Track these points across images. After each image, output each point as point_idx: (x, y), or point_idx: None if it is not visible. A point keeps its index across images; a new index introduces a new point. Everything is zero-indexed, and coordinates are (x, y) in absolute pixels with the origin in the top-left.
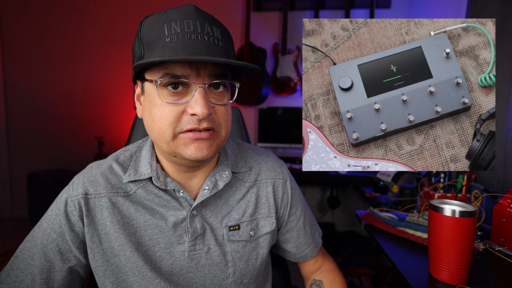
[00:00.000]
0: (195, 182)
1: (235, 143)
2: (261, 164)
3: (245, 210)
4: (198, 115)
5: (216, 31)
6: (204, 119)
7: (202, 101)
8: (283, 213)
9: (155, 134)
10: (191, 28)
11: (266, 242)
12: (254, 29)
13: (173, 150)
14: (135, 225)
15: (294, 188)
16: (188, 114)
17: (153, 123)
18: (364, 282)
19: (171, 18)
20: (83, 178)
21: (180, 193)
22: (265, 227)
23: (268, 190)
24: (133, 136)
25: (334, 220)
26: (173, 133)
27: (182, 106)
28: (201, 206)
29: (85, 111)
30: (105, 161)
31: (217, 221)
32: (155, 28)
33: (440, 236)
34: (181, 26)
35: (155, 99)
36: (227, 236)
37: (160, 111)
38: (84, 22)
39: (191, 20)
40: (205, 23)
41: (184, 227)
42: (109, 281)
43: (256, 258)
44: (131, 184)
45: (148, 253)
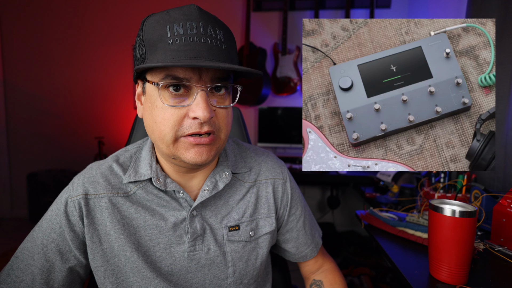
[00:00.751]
0: (195, 182)
1: (235, 143)
2: (261, 164)
3: (244, 210)
4: (199, 119)
5: (219, 32)
6: (205, 123)
7: (203, 104)
8: (282, 213)
9: (156, 135)
10: (194, 30)
11: (266, 242)
12: (254, 29)
13: (173, 153)
14: (135, 225)
15: (294, 188)
16: (189, 118)
17: (155, 125)
18: (364, 282)
19: (173, 19)
20: (83, 178)
21: (180, 194)
22: (265, 227)
23: (268, 190)
24: (133, 136)
25: (334, 220)
26: (174, 136)
27: (184, 109)
28: (201, 207)
29: (85, 111)
30: (105, 161)
31: (217, 221)
32: (157, 29)
33: (440, 236)
34: (183, 28)
35: (156, 101)
36: (226, 236)
37: (162, 114)
38: (84, 22)
39: (194, 21)
40: (208, 25)
41: (184, 228)
42: (109, 281)
43: (255, 258)
44: (131, 185)
45: (148, 253)
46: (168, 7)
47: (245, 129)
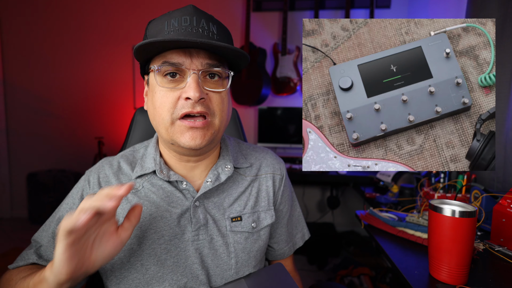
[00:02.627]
0: (197, 173)
1: (236, 142)
2: (261, 160)
3: (246, 202)
4: (191, 98)
5: (213, 26)
6: (197, 103)
7: (194, 85)
8: (277, 207)
9: (157, 121)
10: (187, 22)
11: (266, 235)
12: (254, 29)
13: (171, 137)
14: (141, 219)
15: (287, 186)
16: (182, 99)
17: (155, 110)
18: (364, 282)
19: (172, 17)
20: (97, 177)
21: (183, 185)
22: (266, 219)
23: (268, 184)
24: (131, 136)
25: (334, 220)
26: (171, 118)
27: (178, 91)
28: (204, 198)
29: (85, 111)
30: (115, 159)
31: (220, 213)
32: (158, 25)
33: (440, 236)
34: (178, 21)
35: (155, 88)
36: (229, 227)
37: (160, 98)
38: (84, 22)
39: (188, 16)
40: (201, 19)
41: (188, 217)
42: (114, 276)
43: (257, 250)
44: (139, 180)
45: (153, 246)
46: (167, 7)
47: (242, 130)
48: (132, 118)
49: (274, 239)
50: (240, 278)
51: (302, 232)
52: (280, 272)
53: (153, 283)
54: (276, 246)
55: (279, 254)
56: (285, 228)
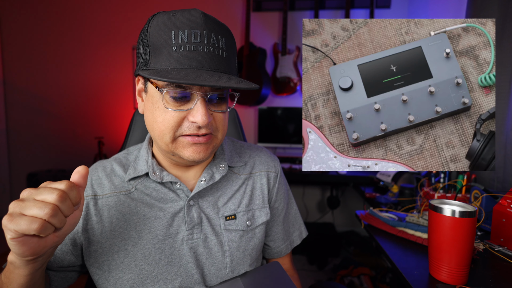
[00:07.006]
0: (191, 173)
1: (230, 141)
2: (255, 158)
3: (240, 201)
4: (198, 123)
5: (221, 40)
6: (203, 127)
7: (203, 110)
8: (272, 204)
9: (155, 133)
10: (197, 39)
11: (262, 232)
12: (254, 29)
13: (172, 151)
14: (135, 220)
15: (282, 184)
16: (188, 121)
17: (155, 124)
18: (364, 282)
19: (178, 25)
20: (91, 180)
21: (177, 185)
22: (261, 217)
23: (263, 182)
24: (130, 136)
25: (334, 220)
26: (173, 136)
27: (184, 112)
28: (198, 197)
29: (85, 111)
30: (108, 162)
31: (214, 212)
32: (163, 33)
33: (440, 236)
34: (188, 36)
35: (158, 103)
36: (223, 225)
37: (163, 115)
38: (84, 22)
39: (199, 30)
40: (211, 33)
41: (182, 217)
42: (110, 276)
43: (252, 248)
44: (132, 182)
45: (147, 246)
46: (168, 7)
47: (241, 130)
48: (132, 118)
49: (270, 237)
50: (236, 277)
51: (299, 230)
52: (276, 270)
53: (148, 283)
54: (273, 244)
55: (276, 253)
56: (281, 226)
